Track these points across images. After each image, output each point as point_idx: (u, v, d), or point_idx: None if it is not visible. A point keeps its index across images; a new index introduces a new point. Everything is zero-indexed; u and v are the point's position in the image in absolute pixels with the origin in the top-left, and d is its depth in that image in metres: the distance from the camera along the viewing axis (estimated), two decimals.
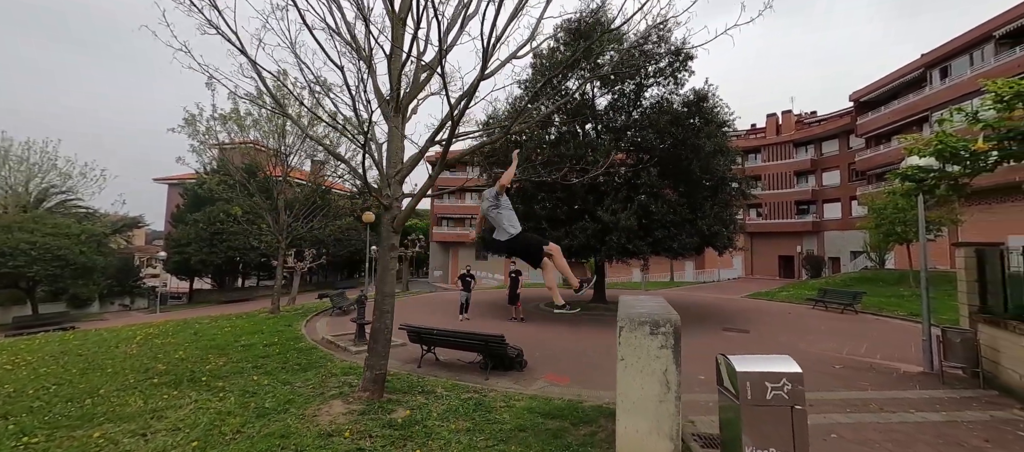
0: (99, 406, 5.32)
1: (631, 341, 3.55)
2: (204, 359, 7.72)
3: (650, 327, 3.50)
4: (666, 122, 12.14)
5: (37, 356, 8.50)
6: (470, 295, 13.52)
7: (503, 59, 5.92)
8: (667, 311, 3.75)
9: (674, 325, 3.48)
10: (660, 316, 3.54)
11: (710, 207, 12.18)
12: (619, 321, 3.58)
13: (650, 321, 3.51)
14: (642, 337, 3.52)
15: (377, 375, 5.37)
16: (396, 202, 5.58)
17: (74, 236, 24.62)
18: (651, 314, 3.60)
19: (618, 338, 3.58)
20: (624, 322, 3.56)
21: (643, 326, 3.52)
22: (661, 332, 3.48)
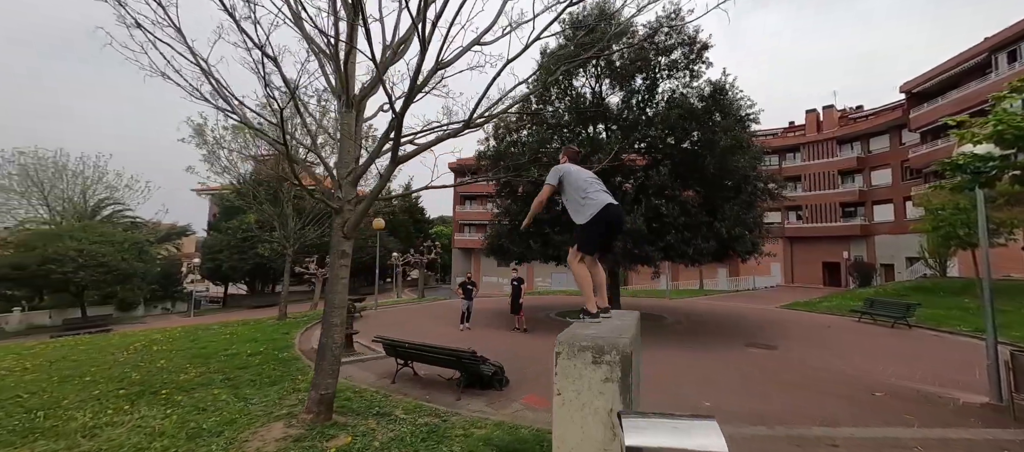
0: (47, 420, 5.15)
1: (569, 371, 2.83)
2: (182, 369, 7.58)
3: (593, 354, 2.78)
4: (676, 117, 11.14)
5: (37, 361, 8.73)
6: (472, 304, 12.98)
7: (465, 45, 5.36)
8: (617, 335, 3.00)
9: (622, 352, 2.74)
10: (606, 341, 2.81)
11: (730, 209, 11.01)
12: (557, 345, 2.88)
13: (593, 347, 2.78)
14: (582, 366, 2.80)
15: (323, 396, 4.88)
16: (347, 205, 5.11)
17: (117, 244, 26.28)
18: (595, 338, 2.88)
19: (554, 365, 2.88)
20: (562, 347, 2.85)
21: (584, 352, 2.80)
22: (606, 361, 2.75)
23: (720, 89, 11.81)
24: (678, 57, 12.38)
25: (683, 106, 11.57)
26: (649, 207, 10.92)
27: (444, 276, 51.34)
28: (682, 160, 12.07)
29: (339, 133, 5.24)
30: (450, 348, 6.63)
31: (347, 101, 5.15)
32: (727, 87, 11.91)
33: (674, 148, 12.22)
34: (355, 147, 5.26)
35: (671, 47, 12.25)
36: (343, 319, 5.21)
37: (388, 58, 5.47)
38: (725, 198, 11.43)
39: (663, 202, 10.90)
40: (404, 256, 29.08)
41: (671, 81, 12.78)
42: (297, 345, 9.99)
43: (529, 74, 5.83)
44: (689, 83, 12.49)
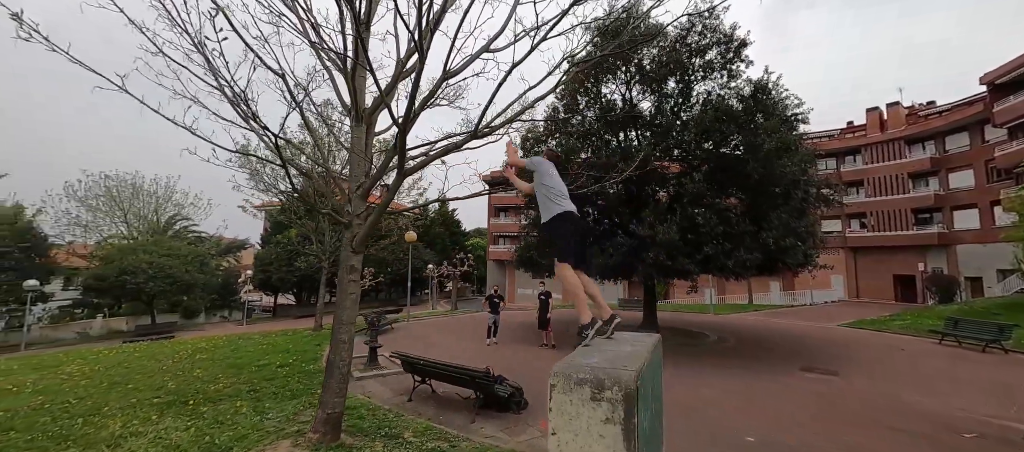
0: (84, 426, 5.43)
1: (565, 408, 2.46)
2: (214, 378, 7.87)
3: (591, 389, 2.40)
4: (712, 120, 10.39)
5: (96, 367, 9.45)
6: (499, 317, 12.70)
7: (473, 53, 5.20)
8: (622, 366, 2.60)
9: (625, 389, 2.34)
10: (608, 374, 2.43)
11: (778, 217, 10.03)
12: (552, 376, 2.54)
13: (591, 380, 2.41)
14: (580, 403, 2.43)
15: (330, 416, 4.78)
16: (357, 219, 5.05)
17: (182, 257, 28.63)
18: (596, 369, 2.50)
19: (549, 400, 2.53)
20: (558, 378, 2.50)
21: (582, 387, 2.43)
22: (606, 399, 2.36)
23: (762, 88, 10.92)
24: (714, 57, 11.63)
25: (720, 108, 10.80)
26: (684, 216, 10.19)
27: (480, 288, 51.53)
28: (721, 165, 11.23)
29: (350, 147, 5.22)
30: (464, 367, 6.37)
31: (357, 116, 5.14)
32: (770, 86, 11.00)
33: (712, 153, 11.41)
34: (365, 161, 5.22)
35: (705, 47, 11.54)
36: (352, 336, 5.12)
37: (399, 71, 5.44)
38: (772, 205, 10.44)
39: (700, 211, 10.13)
40: (439, 268, 29.40)
41: (707, 83, 12.02)
42: (325, 357, 10.14)
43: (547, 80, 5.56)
44: (727, 84, 11.68)
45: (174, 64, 4.50)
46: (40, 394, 7.17)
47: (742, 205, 11.75)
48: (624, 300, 26.51)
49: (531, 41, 4.78)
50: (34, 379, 8.45)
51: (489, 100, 4.66)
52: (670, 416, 5.84)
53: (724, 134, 10.68)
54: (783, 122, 10.60)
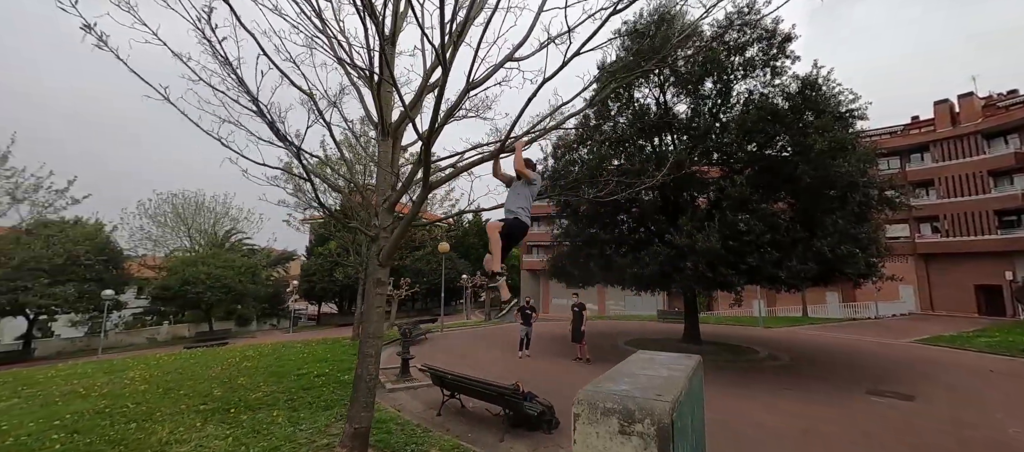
0: (136, 432, 5.76)
1: (591, 441, 2.24)
2: (256, 387, 8.18)
3: (620, 420, 2.17)
4: (755, 120, 9.74)
5: (157, 372, 10.14)
6: (532, 329, 12.45)
7: (498, 62, 5.12)
8: (656, 394, 2.33)
9: (658, 422, 2.09)
10: (639, 404, 2.18)
11: (834, 222, 9.15)
12: (575, 405, 2.32)
13: (620, 411, 2.18)
14: (607, 436, 2.20)
15: (357, 430, 4.76)
16: (384, 232, 5.07)
17: (236, 268, 30.67)
18: (626, 397, 2.26)
19: (573, 430, 2.32)
20: (582, 407, 2.29)
21: (609, 418, 2.20)
22: (637, 433, 2.12)
23: (810, 84, 10.13)
24: (754, 54, 10.97)
25: (764, 108, 10.13)
26: (726, 223, 9.55)
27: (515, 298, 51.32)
28: (767, 168, 10.49)
29: (377, 161, 5.28)
30: (492, 382, 6.21)
31: (383, 130, 5.20)
32: (819, 81, 10.18)
33: (756, 155, 10.69)
34: (392, 175, 5.26)
35: (744, 44, 10.91)
36: (379, 349, 5.11)
37: (423, 85, 5.46)
38: (827, 210, 9.56)
39: (744, 217, 9.45)
40: (472, 278, 29.58)
41: (748, 82, 11.34)
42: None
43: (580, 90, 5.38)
44: (770, 82, 10.96)
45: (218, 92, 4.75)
46: (105, 398, 7.74)
47: (792, 210, 10.89)
48: (663, 312, 25.37)
49: (562, 55, 4.64)
50: (103, 382, 9.18)
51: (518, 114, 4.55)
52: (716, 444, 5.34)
53: (769, 135, 9.98)
54: (836, 119, 9.75)
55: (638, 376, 2.76)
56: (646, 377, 2.71)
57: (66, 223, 24.37)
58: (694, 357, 3.35)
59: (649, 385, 2.50)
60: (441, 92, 4.02)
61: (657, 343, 14.65)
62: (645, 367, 3.03)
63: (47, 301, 22.28)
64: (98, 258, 25.43)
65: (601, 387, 2.46)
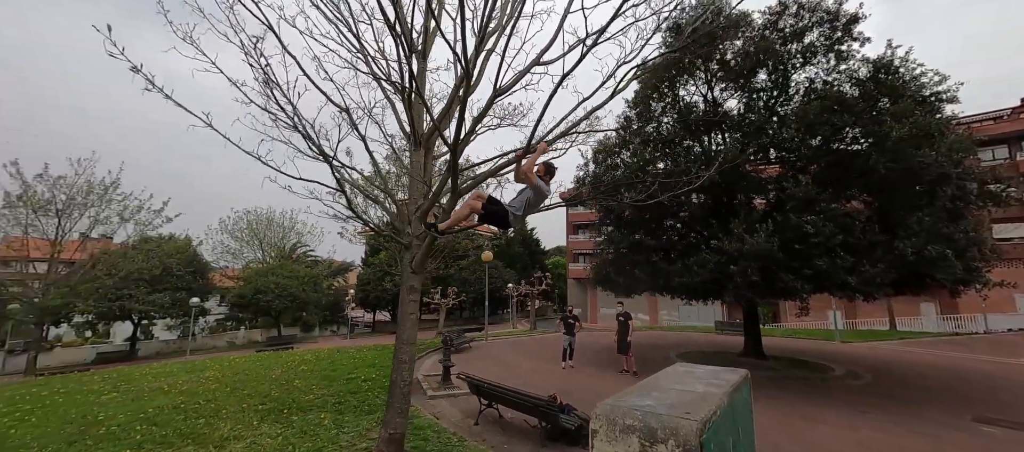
0: (204, 427, 6.30)
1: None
2: (309, 389, 8.66)
3: (641, 441, 1.97)
4: (816, 111, 8.81)
5: (228, 373, 11.11)
6: (575, 339, 12.10)
7: (525, 66, 5.07)
8: (684, 410, 2.08)
9: (685, 443, 1.86)
10: (664, 421, 1.96)
11: (918, 221, 7.96)
12: (594, 420, 2.14)
13: (642, 429, 1.98)
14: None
15: (392, 435, 4.84)
16: (416, 241, 5.18)
17: (300, 278, 33.17)
18: (649, 413, 2.04)
19: (590, 448, 2.14)
20: (600, 422, 2.11)
21: (629, 436, 2.01)
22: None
23: (884, 67, 9.00)
24: (815, 40, 9.99)
25: (829, 97, 9.14)
26: (789, 226, 8.67)
27: (561, 307, 50.60)
28: (835, 163, 9.43)
29: (409, 170, 5.43)
30: (528, 393, 6.05)
31: (415, 140, 5.34)
32: (895, 63, 9.02)
33: (821, 150, 9.67)
34: (424, 184, 5.37)
35: (803, 30, 9.98)
36: (413, 356, 5.18)
37: (454, 96, 5.55)
38: (911, 207, 8.36)
39: (811, 218, 8.51)
40: (517, 287, 29.59)
41: (808, 70, 10.35)
42: None
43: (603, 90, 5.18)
44: (834, 68, 9.90)
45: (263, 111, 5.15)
46: (182, 395, 8.60)
47: (869, 209, 9.68)
48: (722, 323, 23.62)
49: (596, 56, 4.54)
50: (183, 381, 10.23)
51: (540, 115, 4.46)
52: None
53: (835, 126, 8.97)
54: (918, 104, 8.55)
55: (669, 390, 2.51)
56: (678, 392, 2.46)
57: (162, 239, 27.79)
58: (739, 371, 3.01)
59: (679, 401, 2.26)
60: (464, 101, 4.03)
61: (712, 356, 13.62)
62: (680, 381, 2.77)
63: (147, 307, 25.48)
64: (187, 270, 28.72)
65: (623, 401, 2.26)
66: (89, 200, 19.51)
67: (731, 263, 8.91)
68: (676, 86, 12.51)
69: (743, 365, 11.59)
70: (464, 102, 4.06)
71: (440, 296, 28.96)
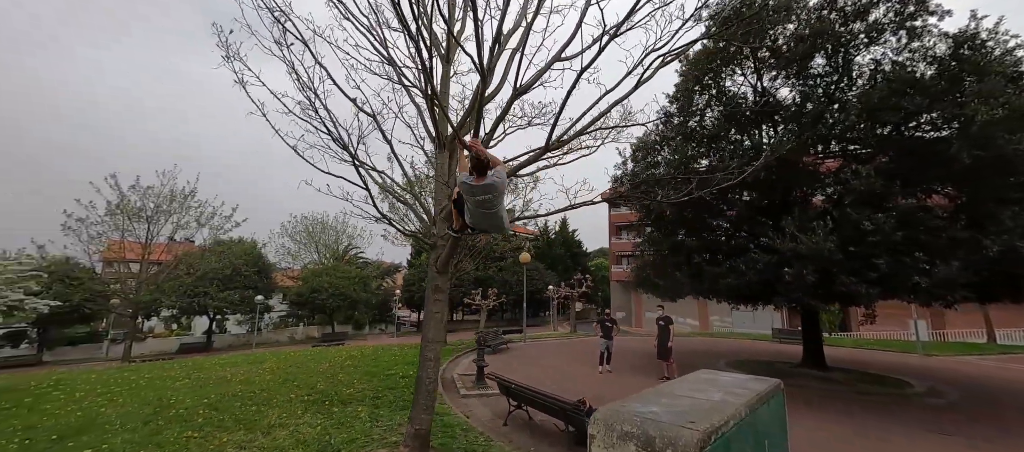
0: (255, 414, 6.83)
1: None
2: (351, 383, 9.12)
3: (637, 447, 1.85)
4: (884, 95, 7.88)
5: (283, 365, 11.99)
6: (612, 343, 11.73)
7: (546, 63, 5.01)
8: (688, 418, 1.92)
9: (697, 446, 1.72)
10: (663, 429, 1.83)
11: (1014, 215, 6.85)
12: (592, 424, 2.05)
13: (640, 436, 1.86)
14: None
15: (418, 431, 4.95)
16: (441, 241, 5.28)
17: (351, 278, 35.11)
18: (648, 420, 1.92)
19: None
20: (598, 427, 2.01)
21: (626, 443, 1.90)
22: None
23: (968, 41, 7.88)
24: (881, 16, 8.98)
25: (899, 79, 8.15)
26: (848, 222, 7.84)
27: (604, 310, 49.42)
28: (907, 152, 8.40)
29: (435, 171, 5.56)
30: (555, 396, 5.95)
31: (439, 142, 5.45)
32: (982, 37, 7.87)
33: (890, 138, 8.66)
34: (446, 186, 5.46)
35: (867, 6, 9.00)
36: (438, 354, 5.28)
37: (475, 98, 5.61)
38: (1001, 199, 7.23)
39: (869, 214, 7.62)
40: (557, 289, 29.28)
41: (873, 50, 9.32)
42: (441, 372, 10.86)
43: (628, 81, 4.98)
44: (906, 46, 8.83)
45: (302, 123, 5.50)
46: (242, 384, 9.39)
47: (952, 203, 8.52)
48: (780, 330, 21.86)
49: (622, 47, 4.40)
50: (245, 371, 11.17)
51: (559, 110, 4.39)
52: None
53: (907, 111, 7.98)
54: (1010, 81, 7.37)
55: (680, 397, 2.36)
56: (690, 400, 2.30)
57: (232, 242, 30.56)
58: (769, 381, 2.76)
59: (688, 409, 2.11)
60: (480, 101, 4.06)
61: (762, 366, 12.63)
62: (697, 387, 2.59)
63: (220, 303, 28.15)
64: (253, 270, 31.39)
65: (625, 406, 2.15)
66: (172, 207, 21.95)
67: (784, 264, 8.20)
68: (721, 77, 11.80)
69: (800, 377, 10.67)
70: (480, 102, 4.10)
71: (480, 297, 29.36)
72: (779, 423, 2.70)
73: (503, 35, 4.61)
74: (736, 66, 11.80)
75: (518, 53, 4.14)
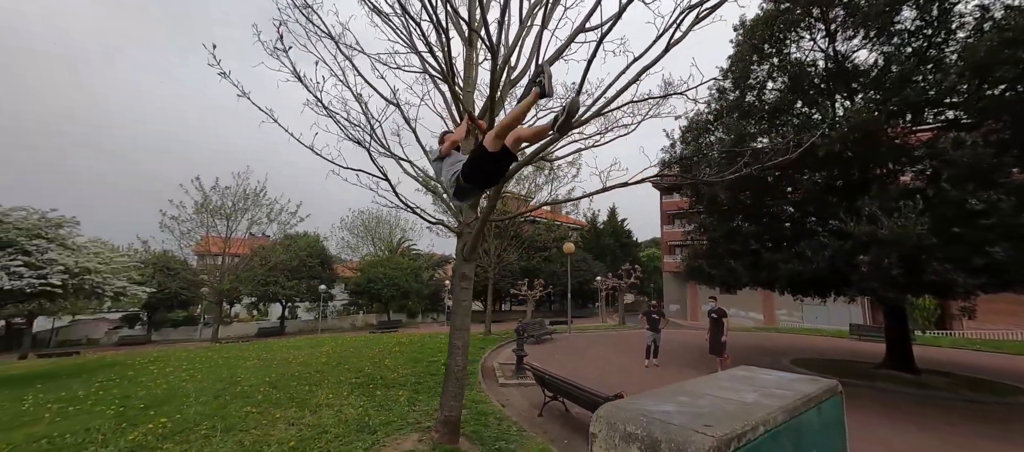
0: (307, 393, 7.31)
1: None
2: (396, 369, 9.48)
3: (641, 450, 1.61)
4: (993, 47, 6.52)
5: (338, 349, 12.80)
6: (659, 337, 11.10)
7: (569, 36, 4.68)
8: (700, 419, 1.64)
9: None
10: (670, 435, 1.58)
11: None
12: (594, 422, 1.84)
13: (643, 438, 1.62)
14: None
15: (448, 417, 4.97)
16: (467, 228, 5.22)
17: (404, 269, 36.77)
18: (652, 422, 1.67)
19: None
20: (599, 425, 1.80)
21: (628, 445, 1.67)
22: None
23: None
24: None
25: (1014, 27, 6.72)
26: (946, 202, 6.65)
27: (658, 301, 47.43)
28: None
29: None
30: (589, 388, 5.69)
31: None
32: None
33: (1001, 99, 7.21)
34: None
35: None
36: (466, 342, 5.25)
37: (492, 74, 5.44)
38: None
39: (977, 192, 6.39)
40: (605, 280, 28.47)
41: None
42: (482, 361, 10.98)
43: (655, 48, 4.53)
44: None
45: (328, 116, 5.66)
46: (300, 365, 10.14)
47: None
48: (860, 326, 19.50)
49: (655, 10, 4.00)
50: (305, 354, 12.08)
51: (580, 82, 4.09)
52: None
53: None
54: None
55: (704, 396, 2.06)
56: (713, 399, 2.00)
57: (298, 235, 33.22)
58: (822, 382, 2.35)
59: (710, 410, 1.83)
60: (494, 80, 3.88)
61: (835, 365, 11.32)
62: (728, 386, 2.26)
63: (289, 292, 30.80)
64: (316, 261, 33.95)
65: (633, 404, 1.91)
66: (246, 204, 24.25)
67: (858, 251, 7.18)
68: (784, 44, 10.59)
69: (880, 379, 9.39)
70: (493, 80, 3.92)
71: (527, 288, 29.37)
72: (834, 431, 2.28)
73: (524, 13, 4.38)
74: (802, 30, 10.51)
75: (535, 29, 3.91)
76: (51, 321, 29.87)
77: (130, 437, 5.18)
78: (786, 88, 10.63)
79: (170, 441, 5.05)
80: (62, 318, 30.00)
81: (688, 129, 12.13)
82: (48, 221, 10.21)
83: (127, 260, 12.89)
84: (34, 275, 9.12)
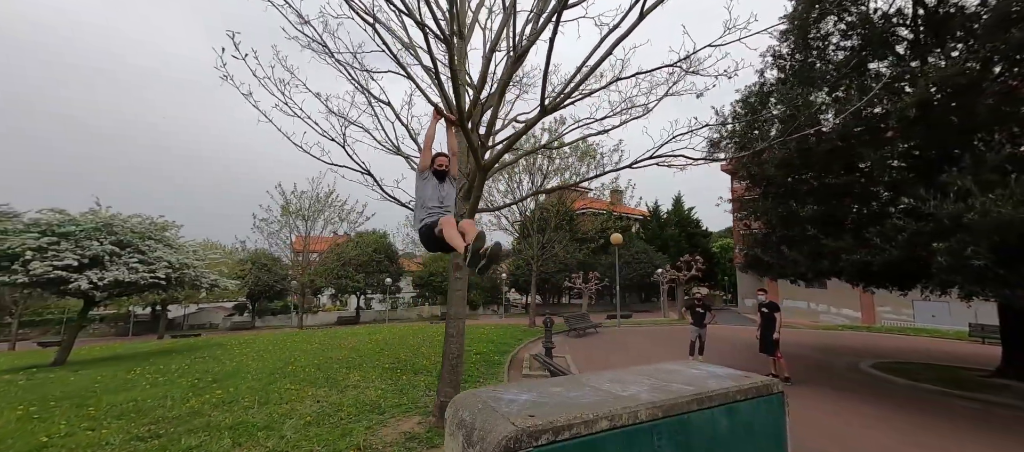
0: (340, 375, 7.99)
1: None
2: (429, 356, 9.97)
3: (464, 437, 1.56)
4: None
5: (389, 337, 13.77)
6: (705, 332, 10.22)
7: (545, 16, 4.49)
8: (530, 412, 1.51)
9: (494, 446, 1.37)
10: (484, 422, 1.50)
11: None
12: (448, 409, 1.80)
13: (468, 426, 1.56)
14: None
15: (443, 403, 5.13)
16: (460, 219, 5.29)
17: None
18: (480, 412, 1.59)
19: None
20: (450, 412, 1.76)
21: (456, 435, 1.62)
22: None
23: None
24: None
25: None
26: None
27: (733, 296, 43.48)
28: None
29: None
30: None
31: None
32: None
33: None
34: (465, 163, 5.43)
35: None
36: (461, 330, 5.35)
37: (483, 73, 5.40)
38: None
39: None
40: (666, 272, 26.87)
41: None
42: (516, 352, 11.07)
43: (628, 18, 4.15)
44: None
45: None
46: (350, 351, 11.11)
47: None
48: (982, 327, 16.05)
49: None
50: (361, 340, 13.20)
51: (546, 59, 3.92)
52: None
53: None
54: None
55: (591, 387, 1.93)
56: (597, 391, 1.86)
57: (366, 233, 36.14)
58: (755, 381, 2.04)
59: (557, 402, 1.71)
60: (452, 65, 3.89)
61: (928, 371, 9.50)
62: (623, 378, 2.09)
63: (359, 284, 33.69)
64: (383, 256, 36.67)
65: (486, 391, 1.85)
66: (320, 206, 26.99)
67: (939, 235, 5.93)
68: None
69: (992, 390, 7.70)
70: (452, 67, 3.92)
71: (581, 282, 28.81)
72: (761, 437, 1.96)
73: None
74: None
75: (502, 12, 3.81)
76: (183, 308, 36.06)
77: (191, 403, 6.14)
78: (858, 45, 9.11)
79: (219, 409, 5.89)
80: (188, 306, 36.06)
81: (743, 103, 10.94)
82: (156, 225, 12.38)
83: (218, 256, 15.11)
84: (146, 270, 11.13)
